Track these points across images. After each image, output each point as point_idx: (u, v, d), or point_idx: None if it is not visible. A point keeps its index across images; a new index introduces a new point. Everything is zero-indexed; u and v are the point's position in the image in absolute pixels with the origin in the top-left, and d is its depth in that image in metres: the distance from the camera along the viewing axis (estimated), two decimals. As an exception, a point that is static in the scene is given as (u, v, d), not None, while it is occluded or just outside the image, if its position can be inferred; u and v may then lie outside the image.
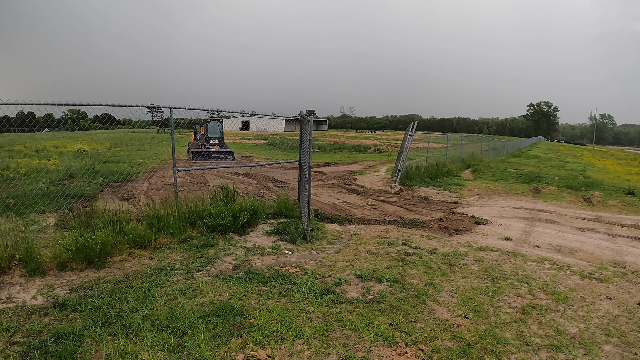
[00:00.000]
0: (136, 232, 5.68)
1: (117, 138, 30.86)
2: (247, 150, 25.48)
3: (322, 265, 5.49)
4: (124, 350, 3.28)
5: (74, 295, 4.21)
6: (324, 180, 14.06)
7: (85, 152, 19.99)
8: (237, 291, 4.50)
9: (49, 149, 20.68)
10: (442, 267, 5.58)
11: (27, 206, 7.53)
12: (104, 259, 5.08)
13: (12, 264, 4.71)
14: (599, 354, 3.59)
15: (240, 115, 58.75)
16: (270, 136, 41.48)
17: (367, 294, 4.60)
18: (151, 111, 68.37)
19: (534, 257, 6.18)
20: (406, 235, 7.14)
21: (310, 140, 6.67)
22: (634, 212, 10.30)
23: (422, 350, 3.51)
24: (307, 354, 3.39)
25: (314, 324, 3.87)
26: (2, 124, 9.26)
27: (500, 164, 22.84)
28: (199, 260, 5.38)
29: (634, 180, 17.21)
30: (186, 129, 36.71)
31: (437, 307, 4.34)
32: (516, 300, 4.59)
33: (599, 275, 5.52)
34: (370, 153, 29.44)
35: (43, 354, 3.21)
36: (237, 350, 3.39)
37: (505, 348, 3.61)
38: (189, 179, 12.26)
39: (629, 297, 4.83)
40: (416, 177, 13.81)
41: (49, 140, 24.74)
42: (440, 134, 34.81)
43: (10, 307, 3.96)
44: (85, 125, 39.85)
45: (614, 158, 36.02)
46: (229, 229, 6.48)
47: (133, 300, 4.18)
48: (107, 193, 9.71)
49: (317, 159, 22.12)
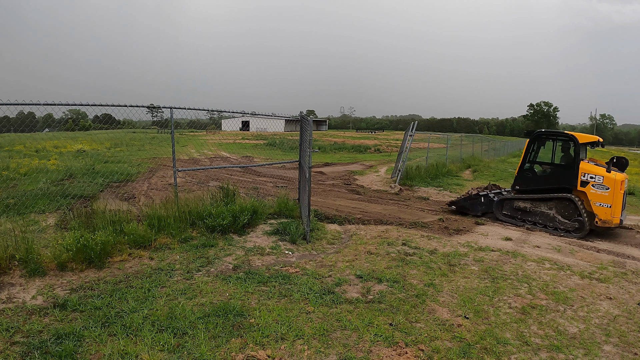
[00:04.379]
0: (136, 232, 5.68)
1: (117, 138, 30.87)
2: (247, 150, 25.48)
3: (322, 266, 5.49)
4: (124, 351, 3.28)
5: (74, 295, 4.21)
6: (324, 180, 14.06)
7: (85, 152, 19.99)
8: (237, 291, 4.50)
9: (49, 149, 20.69)
10: (442, 267, 5.59)
11: (27, 206, 7.54)
12: (104, 259, 5.08)
13: (12, 264, 4.71)
14: (599, 354, 3.59)
15: (240, 116, 58.83)
16: (270, 136, 41.47)
17: (367, 294, 4.60)
18: (151, 111, 68.33)
19: (534, 257, 6.18)
20: (406, 236, 7.14)
21: (310, 141, 6.67)
22: (634, 212, 10.30)
23: (422, 350, 3.51)
24: (307, 354, 3.39)
25: (314, 324, 3.87)
26: (2, 124, 9.27)
27: (501, 164, 22.85)
28: (199, 260, 5.38)
29: (634, 180, 17.20)
30: (186, 129, 36.76)
31: (437, 307, 4.34)
32: (516, 301, 4.59)
33: (599, 275, 5.52)
34: (370, 153, 29.43)
35: (43, 354, 3.21)
36: (237, 350, 3.39)
37: (505, 348, 3.62)
38: (189, 179, 12.27)
39: (629, 297, 4.83)
40: (416, 177, 13.81)
41: (49, 140, 24.73)
42: (440, 134, 34.79)
43: (10, 307, 3.96)
44: (85, 125, 39.88)
45: (614, 158, 36.01)
46: (229, 229, 6.48)
47: (133, 300, 4.18)
48: (107, 193, 9.71)
49: (317, 159, 22.12)
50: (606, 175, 7.62)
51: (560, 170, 8.37)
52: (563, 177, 8.17)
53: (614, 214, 7.56)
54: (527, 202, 8.52)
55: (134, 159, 17.93)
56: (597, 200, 7.67)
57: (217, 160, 19.45)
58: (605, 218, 7.59)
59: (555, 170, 8.51)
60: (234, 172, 14.85)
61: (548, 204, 8.26)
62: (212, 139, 33.25)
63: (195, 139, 30.88)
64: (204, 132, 41.01)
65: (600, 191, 7.65)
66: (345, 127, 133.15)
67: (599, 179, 7.67)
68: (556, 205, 8.14)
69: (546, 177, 8.54)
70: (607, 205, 7.58)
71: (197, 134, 36.30)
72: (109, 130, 34.50)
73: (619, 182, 7.55)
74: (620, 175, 7.79)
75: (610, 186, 7.54)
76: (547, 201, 8.27)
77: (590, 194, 7.76)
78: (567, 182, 8.05)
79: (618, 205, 7.59)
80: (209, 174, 13.75)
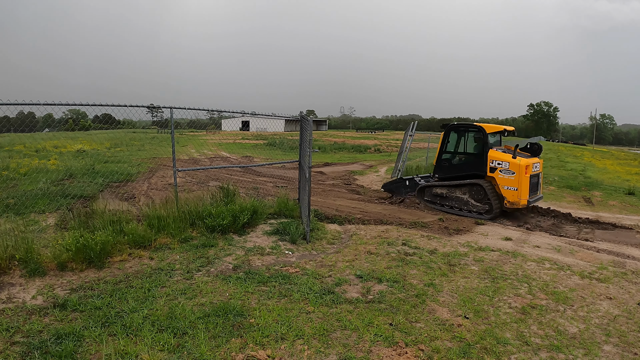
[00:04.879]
0: (136, 232, 5.68)
1: (117, 138, 30.86)
2: (247, 150, 25.48)
3: (322, 266, 5.49)
4: (124, 350, 3.28)
5: (74, 295, 4.21)
6: (324, 180, 14.06)
7: (85, 152, 19.99)
8: (237, 291, 4.50)
9: (49, 149, 20.68)
10: (442, 267, 5.59)
11: (27, 206, 7.54)
12: (104, 259, 5.08)
13: (12, 264, 4.71)
14: (599, 354, 3.59)
15: (240, 116, 58.81)
16: (270, 136, 41.46)
17: (367, 294, 4.60)
18: (151, 111, 68.35)
19: (534, 257, 6.18)
20: (406, 235, 7.14)
21: (310, 140, 6.67)
22: (634, 212, 10.31)
23: (422, 350, 3.51)
24: (307, 354, 3.39)
25: (314, 324, 3.87)
26: (2, 124, 9.26)
27: (500, 164, 22.79)
28: (199, 260, 5.38)
29: (634, 180, 17.19)
30: (186, 129, 36.74)
31: (437, 307, 4.34)
32: (516, 300, 4.59)
33: (599, 275, 5.52)
34: (370, 153, 29.42)
35: (43, 354, 3.21)
36: (237, 350, 3.39)
37: (505, 348, 3.62)
38: (189, 179, 12.27)
39: (629, 297, 4.83)
40: (416, 177, 13.78)
41: (49, 140, 24.72)
42: (440, 134, 34.75)
43: (10, 307, 3.96)
44: (85, 125, 39.84)
45: (614, 158, 35.98)
46: (229, 229, 6.48)
47: (133, 300, 4.18)
48: (107, 193, 9.72)
49: (317, 159, 22.11)
50: (511, 161, 8.40)
51: (472, 158, 9.27)
52: (474, 165, 9.05)
53: (520, 195, 8.39)
54: (444, 189, 9.45)
55: (134, 159, 17.93)
56: (505, 184, 8.50)
57: (217, 160, 19.45)
58: (513, 200, 8.42)
59: (467, 158, 9.45)
60: (234, 172, 14.84)
61: (462, 189, 9.16)
62: (212, 139, 33.24)
63: (195, 139, 30.88)
64: (204, 132, 40.99)
65: (507, 176, 8.47)
66: (345, 127, 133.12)
67: (505, 165, 8.48)
68: (469, 190, 9.02)
69: (460, 165, 9.47)
70: (513, 188, 8.38)
71: (197, 134, 36.30)
72: (109, 130, 34.52)
73: (523, 166, 8.32)
74: (526, 160, 8.49)
75: (515, 171, 8.33)
76: (461, 187, 9.17)
77: (499, 178, 8.57)
78: (478, 169, 8.91)
79: (525, 187, 8.38)
80: (209, 173, 13.76)
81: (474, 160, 9.16)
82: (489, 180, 8.75)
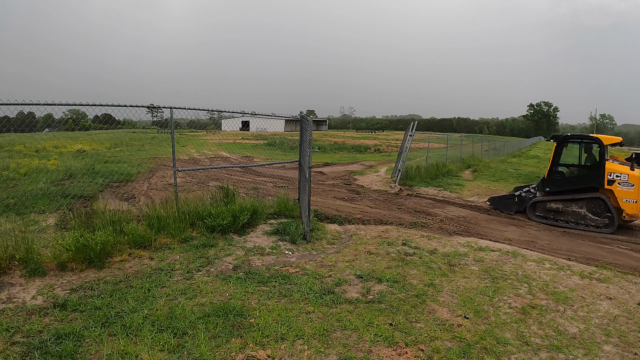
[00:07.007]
0: (136, 232, 5.68)
1: (117, 138, 30.85)
2: (247, 150, 25.48)
3: (322, 266, 5.49)
4: (124, 351, 3.28)
5: (74, 295, 4.21)
6: (324, 180, 14.06)
7: (85, 152, 19.99)
8: (237, 291, 4.50)
9: (49, 149, 20.68)
10: (442, 267, 5.59)
11: (27, 206, 7.54)
12: (104, 259, 5.08)
13: (12, 264, 4.71)
14: (599, 354, 3.59)
15: (240, 116, 58.80)
16: (270, 136, 41.45)
17: (367, 294, 4.60)
18: (151, 111, 68.32)
19: (534, 257, 6.18)
20: (406, 236, 7.14)
21: (310, 141, 6.67)
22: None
23: (422, 350, 3.51)
24: (307, 354, 3.39)
25: (314, 324, 3.87)
26: (2, 124, 9.26)
27: (500, 164, 22.84)
28: (199, 260, 5.38)
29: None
30: (186, 129, 36.76)
31: (437, 307, 4.34)
32: (516, 301, 4.59)
33: (599, 276, 5.52)
34: (370, 153, 29.43)
35: (43, 354, 3.21)
36: (237, 350, 3.39)
37: (505, 348, 3.62)
38: (189, 179, 12.27)
39: (629, 297, 4.83)
40: (416, 177, 13.81)
41: (49, 140, 24.72)
42: (440, 134, 34.80)
43: (10, 307, 3.96)
44: (85, 125, 39.84)
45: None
46: (229, 229, 6.48)
47: (133, 300, 4.18)
48: (107, 193, 9.71)
49: (317, 159, 22.12)
50: (630, 174, 8.15)
51: (588, 170, 8.92)
52: (590, 177, 8.65)
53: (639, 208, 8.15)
54: (559, 203, 8.92)
55: (134, 159, 17.93)
56: (624, 197, 8.18)
57: (217, 160, 19.45)
58: (632, 212, 8.14)
59: (582, 170, 9.10)
60: (234, 172, 14.84)
61: (579, 203, 8.69)
62: (212, 139, 33.22)
63: (195, 139, 30.85)
64: (203, 132, 40.98)
65: (626, 188, 8.17)
66: (345, 127, 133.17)
67: (625, 177, 8.19)
68: (587, 204, 8.58)
69: (574, 178, 9.06)
70: (633, 200, 8.11)
71: (197, 134, 36.27)
72: (109, 130, 34.52)
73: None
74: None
75: (635, 183, 8.08)
76: (577, 201, 8.71)
77: (617, 191, 8.24)
78: (594, 182, 8.50)
79: None
80: (209, 174, 13.76)
81: (589, 172, 8.77)
82: (604, 193, 8.43)
